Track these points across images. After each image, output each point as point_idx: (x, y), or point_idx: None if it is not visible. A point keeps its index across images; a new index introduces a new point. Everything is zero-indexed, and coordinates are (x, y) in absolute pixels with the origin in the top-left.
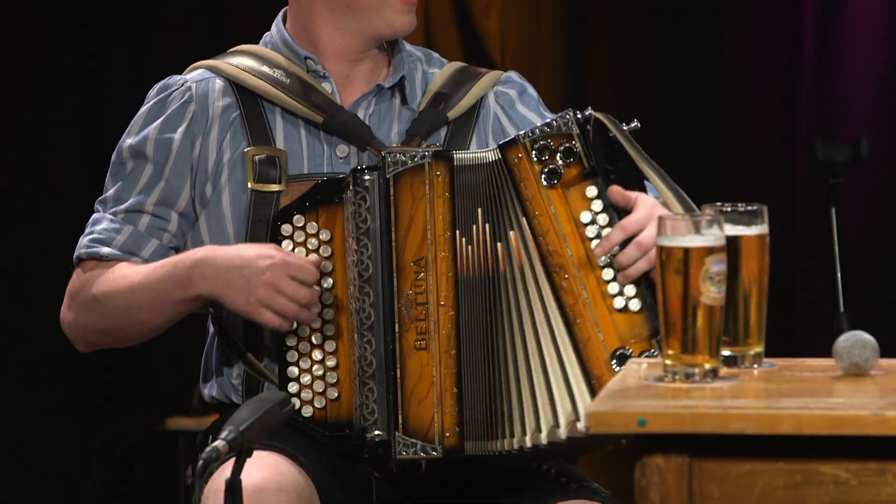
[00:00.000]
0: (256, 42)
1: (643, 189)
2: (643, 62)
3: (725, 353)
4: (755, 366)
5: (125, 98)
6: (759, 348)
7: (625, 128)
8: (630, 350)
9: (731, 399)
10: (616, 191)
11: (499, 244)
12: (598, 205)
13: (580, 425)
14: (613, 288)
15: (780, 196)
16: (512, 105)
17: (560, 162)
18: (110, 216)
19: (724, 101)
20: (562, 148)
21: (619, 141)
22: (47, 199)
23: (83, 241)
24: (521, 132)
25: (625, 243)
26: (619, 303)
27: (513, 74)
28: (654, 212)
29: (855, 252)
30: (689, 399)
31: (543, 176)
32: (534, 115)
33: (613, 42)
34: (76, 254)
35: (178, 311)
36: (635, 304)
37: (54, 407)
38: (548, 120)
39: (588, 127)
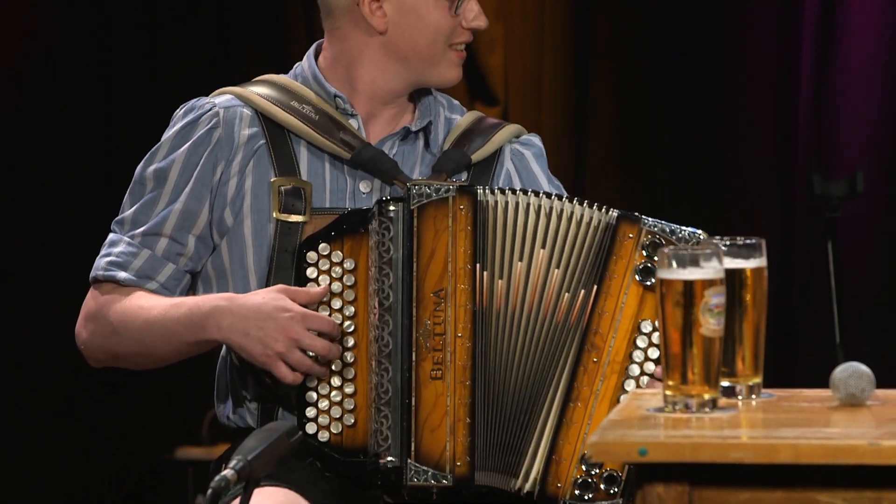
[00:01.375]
0: (268, 67)
1: None
2: (644, 97)
3: (724, 383)
4: (753, 396)
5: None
6: (758, 379)
7: None
8: (599, 462)
9: (730, 429)
10: None
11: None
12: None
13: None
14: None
15: (778, 230)
16: (526, 165)
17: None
18: (128, 239)
19: (724, 136)
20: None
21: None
22: (62, 222)
23: (100, 262)
24: (646, 218)
25: None
26: None
27: (534, 138)
28: None
29: (851, 284)
30: (689, 429)
31: (639, 267)
32: (544, 180)
33: (615, 78)
34: (93, 274)
35: (190, 350)
36: None
37: (66, 436)
38: (678, 227)
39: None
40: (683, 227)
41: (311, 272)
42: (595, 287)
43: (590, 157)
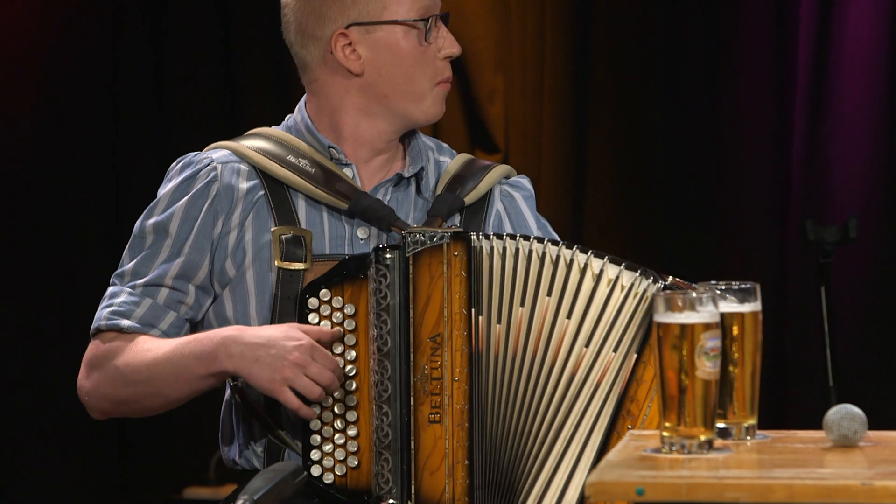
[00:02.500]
0: (273, 119)
1: None
2: (642, 147)
3: (720, 425)
4: (748, 437)
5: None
6: (753, 421)
7: None
8: None
9: (725, 469)
10: None
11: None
12: None
13: None
14: None
15: (772, 275)
16: (516, 207)
17: None
18: (129, 289)
19: (720, 184)
20: None
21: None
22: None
23: (102, 312)
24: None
25: None
26: None
27: (524, 180)
28: None
29: (844, 328)
30: (686, 469)
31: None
32: (532, 222)
33: (613, 127)
34: (94, 325)
35: (199, 385)
36: None
37: (75, 478)
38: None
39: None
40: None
41: (313, 318)
42: (635, 355)
43: (588, 205)
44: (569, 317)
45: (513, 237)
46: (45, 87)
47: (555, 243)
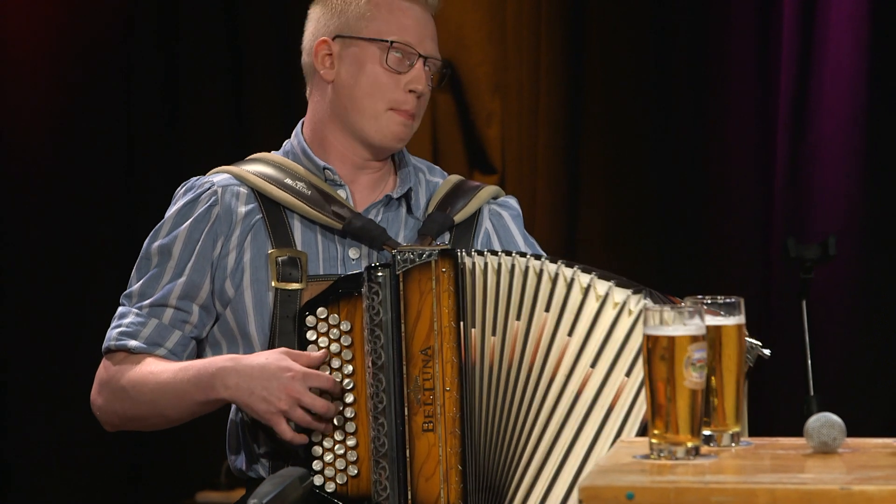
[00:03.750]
0: (278, 140)
1: None
2: (633, 170)
3: (706, 432)
4: (733, 444)
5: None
6: (737, 428)
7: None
8: None
9: (711, 475)
10: None
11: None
12: None
13: None
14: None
15: (756, 290)
16: (504, 225)
17: None
18: (136, 310)
19: (708, 205)
20: None
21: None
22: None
23: (112, 333)
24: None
25: None
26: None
27: (511, 200)
28: None
29: (824, 341)
30: (673, 475)
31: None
32: (520, 240)
33: (606, 150)
34: (105, 345)
35: (200, 409)
36: None
37: (91, 483)
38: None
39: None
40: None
41: (311, 335)
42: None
43: (582, 225)
44: (570, 334)
45: (493, 253)
46: (64, 115)
47: (537, 258)
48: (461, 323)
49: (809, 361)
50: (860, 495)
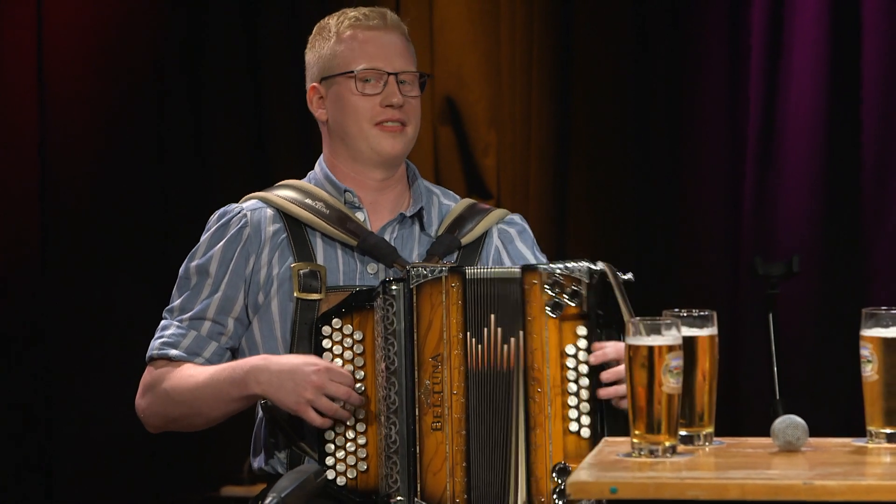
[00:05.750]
0: (297, 170)
1: (622, 330)
2: (615, 194)
3: (682, 433)
4: (707, 443)
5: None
6: (710, 429)
7: (622, 278)
8: (570, 467)
9: (687, 471)
10: (616, 350)
11: (506, 345)
12: (582, 343)
13: None
14: (573, 414)
15: (727, 304)
16: (511, 241)
17: (566, 299)
18: (177, 323)
19: (682, 228)
20: (570, 289)
21: (614, 291)
22: (123, 303)
23: (155, 343)
24: (544, 264)
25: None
26: (573, 427)
27: (516, 217)
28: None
29: (788, 350)
30: (653, 471)
31: (548, 306)
32: (528, 253)
33: (591, 179)
34: (149, 353)
35: (234, 407)
36: (585, 432)
37: (127, 479)
38: (569, 265)
39: (595, 277)
40: (574, 264)
41: (326, 343)
42: (521, 332)
43: (569, 244)
44: (500, 325)
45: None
46: (102, 144)
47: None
48: (468, 333)
49: (775, 368)
50: (821, 489)
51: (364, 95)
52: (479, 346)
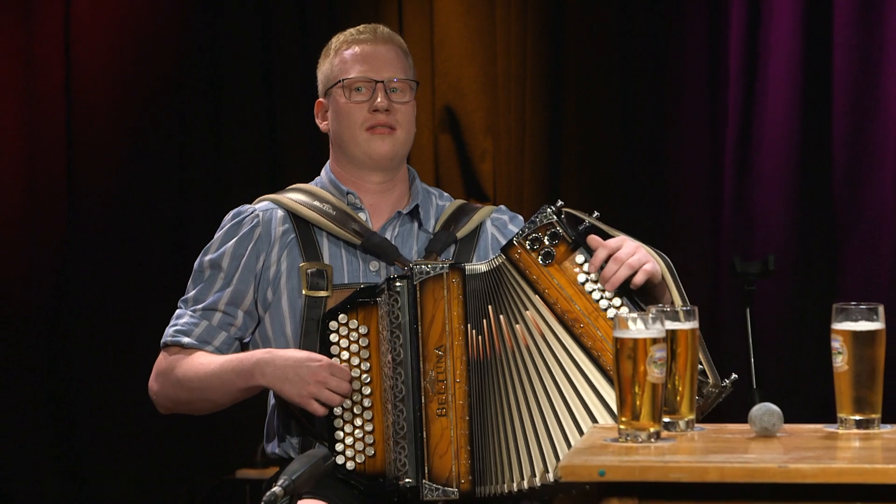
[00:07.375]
0: (306, 173)
1: (599, 231)
2: (604, 198)
3: (666, 419)
4: (689, 430)
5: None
6: (692, 416)
7: (592, 219)
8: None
9: (670, 455)
10: (595, 239)
11: (516, 326)
12: (587, 266)
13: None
14: (611, 314)
15: (707, 300)
16: (505, 226)
17: (549, 244)
18: (190, 312)
19: (665, 226)
20: (548, 233)
21: (590, 223)
22: (142, 297)
23: (169, 330)
24: (514, 236)
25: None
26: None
27: (503, 207)
28: (626, 238)
29: (764, 342)
30: (638, 455)
31: (541, 259)
32: None
33: (582, 185)
34: (163, 340)
35: (239, 396)
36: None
37: (149, 463)
38: (533, 218)
39: (562, 213)
40: (534, 216)
41: (332, 337)
42: (535, 297)
43: None
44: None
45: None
46: (126, 154)
47: None
48: (468, 325)
49: (753, 360)
50: (795, 472)
51: (355, 103)
52: (480, 336)
